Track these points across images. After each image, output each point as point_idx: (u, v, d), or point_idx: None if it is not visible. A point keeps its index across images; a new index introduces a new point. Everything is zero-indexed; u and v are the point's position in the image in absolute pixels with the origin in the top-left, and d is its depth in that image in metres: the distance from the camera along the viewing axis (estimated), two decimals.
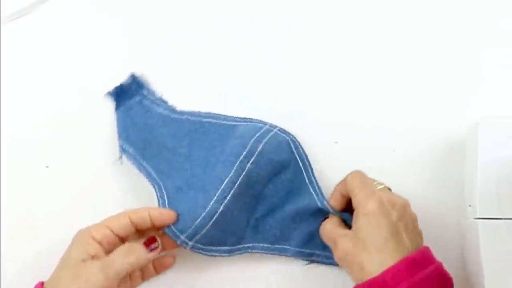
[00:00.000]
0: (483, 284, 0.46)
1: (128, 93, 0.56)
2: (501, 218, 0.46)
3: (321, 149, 0.54)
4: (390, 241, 0.43)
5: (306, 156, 0.53)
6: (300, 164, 0.53)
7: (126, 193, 0.54)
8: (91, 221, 0.48)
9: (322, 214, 0.51)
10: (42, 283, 0.45)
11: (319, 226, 0.50)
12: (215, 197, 0.48)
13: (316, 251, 0.52)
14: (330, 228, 0.49)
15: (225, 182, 0.49)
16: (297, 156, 0.53)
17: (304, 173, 0.53)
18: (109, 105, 0.56)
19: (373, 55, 0.57)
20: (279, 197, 0.52)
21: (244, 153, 0.50)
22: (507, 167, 0.47)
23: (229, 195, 0.49)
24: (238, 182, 0.49)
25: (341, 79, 0.57)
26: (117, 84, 0.56)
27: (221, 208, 0.48)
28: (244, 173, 0.49)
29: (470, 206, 0.49)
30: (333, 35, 0.58)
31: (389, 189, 0.49)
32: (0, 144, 0.56)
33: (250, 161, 0.50)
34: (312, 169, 0.53)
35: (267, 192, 0.52)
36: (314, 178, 0.53)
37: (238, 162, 0.49)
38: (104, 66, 0.58)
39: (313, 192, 0.52)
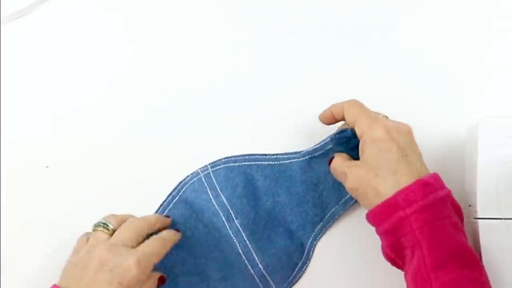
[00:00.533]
0: None
1: None
2: (501, 218, 0.46)
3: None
4: (402, 163, 0.43)
5: (250, 154, 0.53)
6: (261, 162, 0.53)
7: (126, 193, 0.54)
8: (91, 221, 0.48)
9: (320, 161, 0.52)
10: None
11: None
12: (251, 270, 0.51)
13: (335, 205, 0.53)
14: (339, 163, 0.48)
15: (242, 254, 0.51)
16: (249, 163, 0.53)
17: (270, 162, 0.53)
18: (109, 104, 0.57)
19: (372, 56, 0.57)
20: (283, 192, 0.52)
21: (223, 218, 0.51)
22: (507, 167, 0.47)
23: (256, 258, 0.50)
24: (248, 241, 0.50)
25: (341, 79, 0.57)
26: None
27: (262, 268, 0.50)
28: (242, 230, 0.51)
29: (470, 206, 0.49)
30: (335, 35, 0.58)
31: (387, 117, 0.48)
32: (0, 144, 0.56)
33: (234, 217, 0.51)
34: (268, 154, 0.53)
35: (271, 203, 0.52)
36: (280, 154, 0.53)
37: (231, 233, 0.51)
38: (104, 66, 0.58)
39: (296, 158, 0.52)
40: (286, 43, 0.58)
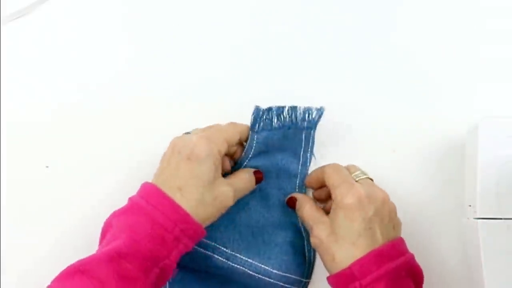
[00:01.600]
0: (483, 284, 0.46)
1: None
2: (501, 218, 0.46)
3: (322, 149, 0.55)
4: (363, 236, 0.44)
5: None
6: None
7: (126, 193, 0.54)
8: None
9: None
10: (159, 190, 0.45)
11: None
12: (269, 280, 0.50)
13: None
14: (308, 212, 0.49)
15: (253, 273, 0.49)
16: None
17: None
18: (109, 104, 0.57)
19: (372, 56, 0.57)
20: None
21: (216, 255, 0.50)
22: (507, 167, 0.47)
23: (266, 267, 0.50)
24: (249, 259, 0.50)
25: (341, 79, 0.57)
26: None
27: (277, 271, 0.50)
28: (237, 254, 0.50)
29: (470, 206, 0.49)
30: (334, 34, 0.58)
31: (371, 179, 0.49)
32: (0, 144, 0.56)
33: (224, 248, 0.50)
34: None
35: (244, 214, 0.52)
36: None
37: (230, 263, 0.50)
38: (104, 66, 0.58)
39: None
40: (286, 45, 0.58)
